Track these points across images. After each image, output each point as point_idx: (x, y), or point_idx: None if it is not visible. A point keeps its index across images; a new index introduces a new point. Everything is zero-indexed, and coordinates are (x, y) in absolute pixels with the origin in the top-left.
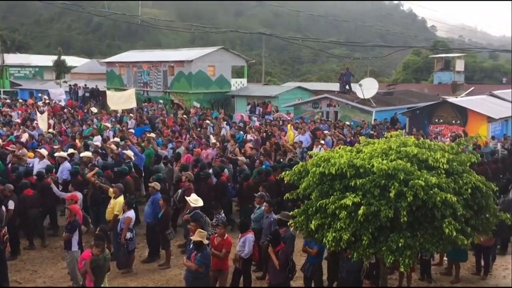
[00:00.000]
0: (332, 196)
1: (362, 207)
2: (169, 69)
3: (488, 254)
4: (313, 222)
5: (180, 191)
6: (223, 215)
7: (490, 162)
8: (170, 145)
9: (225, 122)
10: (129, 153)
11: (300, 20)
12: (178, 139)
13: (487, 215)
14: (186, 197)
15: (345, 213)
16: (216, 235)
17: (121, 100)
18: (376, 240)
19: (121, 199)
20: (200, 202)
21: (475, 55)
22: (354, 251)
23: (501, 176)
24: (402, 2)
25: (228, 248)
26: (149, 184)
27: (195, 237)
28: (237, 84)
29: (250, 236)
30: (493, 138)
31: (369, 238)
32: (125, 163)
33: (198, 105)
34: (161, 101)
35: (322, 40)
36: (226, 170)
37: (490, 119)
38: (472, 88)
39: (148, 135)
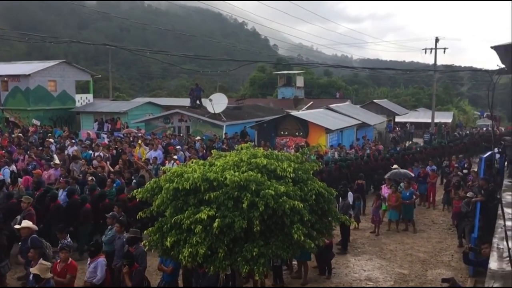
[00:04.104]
0: (186, 211)
1: (217, 219)
2: (2, 84)
3: (330, 255)
4: (168, 239)
5: (19, 217)
6: (69, 240)
7: (331, 169)
8: (5, 168)
9: (71, 140)
10: None
11: (147, 34)
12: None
13: (329, 218)
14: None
15: (201, 227)
16: (58, 261)
17: None
18: (231, 252)
19: None
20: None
21: (312, 72)
22: (210, 265)
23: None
24: (246, 21)
25: (73, 273)
26: None
27: (34, 270)
28: (82, 100)
29: (101, 260)
30: (331, 147)
31: (224, 250)
32: None
33: (38, 123)
34: None
35: (171, 53)
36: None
37: (328, 130)
38: (311, 102)
39: None
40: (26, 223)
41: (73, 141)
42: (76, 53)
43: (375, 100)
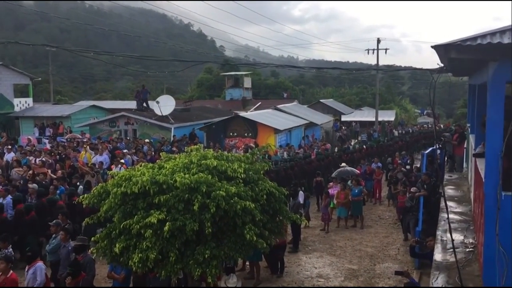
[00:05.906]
0: (136, 216)
1: (167, 223)
2: None
3: (282, 254)
4: (117, 245)
5: None
6: (10, 250)
7: (281, 169)
8: None
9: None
10: None
11: (89, 35)
12: None
13: (280, 218)
14: None
15: (151, 231)
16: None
17: None
18: (183, 255)
19: None
20: None
21: (260, 73)
22: (162, 269)
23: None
24: (192, 22)
25: (12, 286)
26: None
27: None
28: (21, 104)
29: (40, 264)
30: (280, 147)
31: (176, 254)
32: None
33: None
34: None
35: (116, 54)
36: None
37: (276, 131)
38: (260, 103)
39: None
40: None
41: (10, 147)
42: (13, 55)
43: (321, 100)
